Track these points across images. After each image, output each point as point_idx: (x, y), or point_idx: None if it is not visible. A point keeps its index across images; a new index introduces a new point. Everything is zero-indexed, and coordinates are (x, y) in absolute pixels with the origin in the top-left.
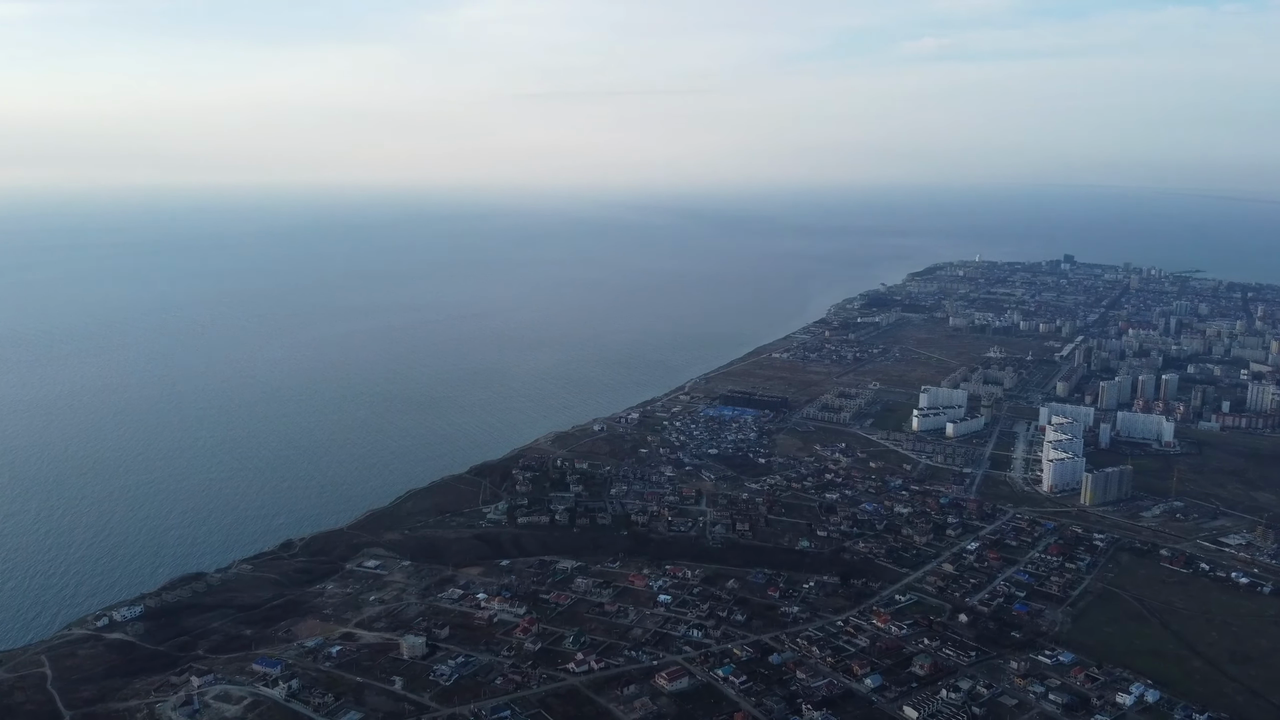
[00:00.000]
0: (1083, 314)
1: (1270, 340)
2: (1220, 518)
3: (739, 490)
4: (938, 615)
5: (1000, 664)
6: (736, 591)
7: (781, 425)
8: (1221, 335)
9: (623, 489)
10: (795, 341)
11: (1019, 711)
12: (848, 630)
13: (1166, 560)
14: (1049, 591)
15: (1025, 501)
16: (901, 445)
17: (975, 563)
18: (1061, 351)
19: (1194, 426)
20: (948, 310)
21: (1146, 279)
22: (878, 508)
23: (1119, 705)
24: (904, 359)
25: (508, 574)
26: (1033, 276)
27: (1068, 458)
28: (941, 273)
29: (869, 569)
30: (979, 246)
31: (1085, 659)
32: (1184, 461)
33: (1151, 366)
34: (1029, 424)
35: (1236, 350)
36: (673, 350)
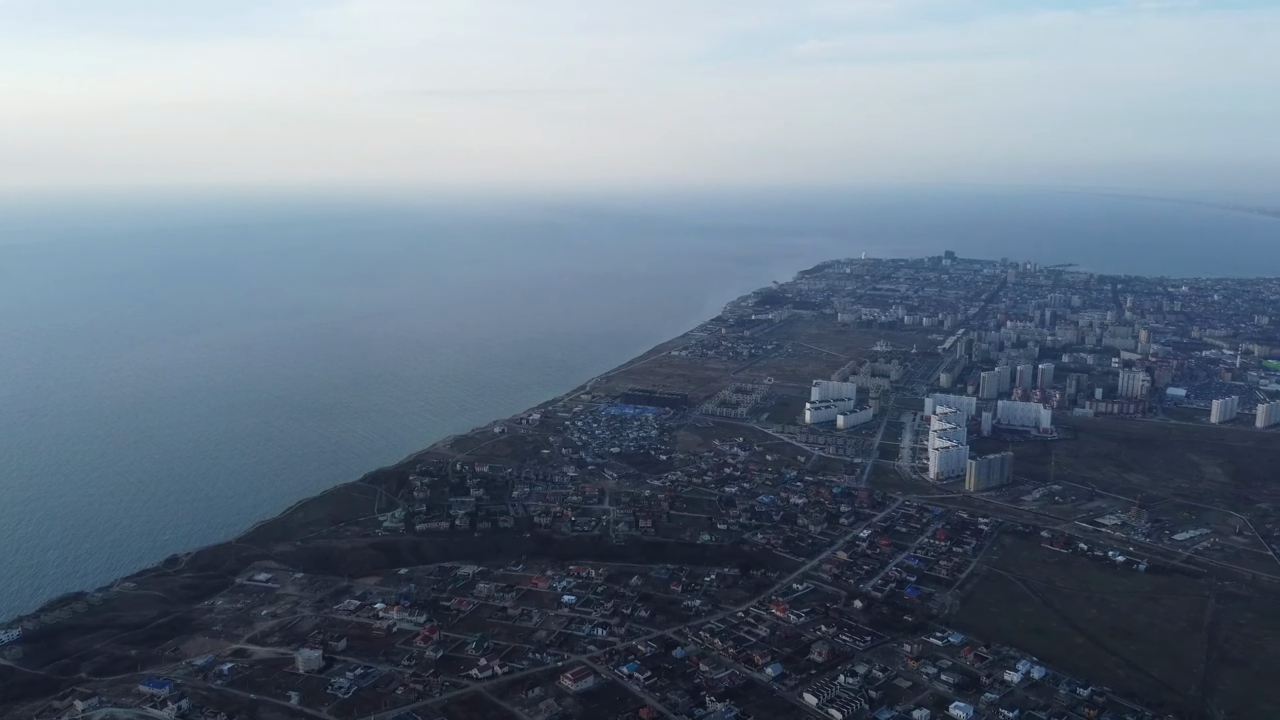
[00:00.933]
0: (963, 308)
1: (1139, 329)
2: (1096, 499)
3: (641, 487)
4: (834, 602)
5: (894, 647)
6: (640, 588)
7: (682, 422)
8: (1093, 326)
9: (525, 491)
10: (693, 339)
11: (913, 693)
12: (748, 621)
13: (1047, 541)
14: (938, 575)
15: (914, 489)
16: (796, 438)
17: (868, 550)
18: (944, 344)
19: (1069, 413)
20: (837, 307)
21: (1023, 273)
22: (775, 499)
23: (1007, 682)
24: (796, 354)
25: (407, 582)
26: (916, 273)
27: (952, 446)
28: (830, 270)
29: (768, 559)
30: (865, 244)
31: (974, 639)
32: (1061, 447)
33: (1029, 357)
34: (915, 414)
35: (1108, 339)
36: (574, 349)
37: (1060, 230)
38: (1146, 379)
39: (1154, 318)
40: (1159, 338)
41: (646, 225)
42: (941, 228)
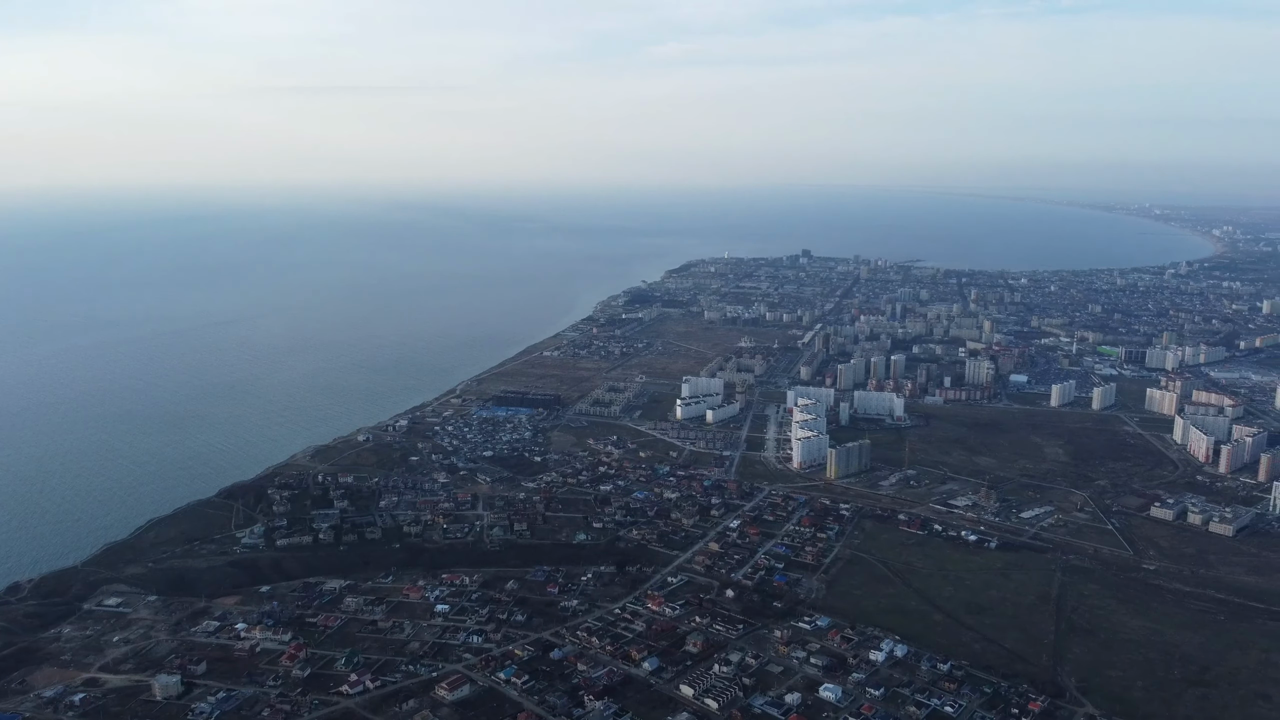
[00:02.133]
0: (821, 304)
1: (983, 320)
2: (948, 482)
3: (516, 490)
4: (707, 593)
5: (765, 634)
6: (516, 592)
7: (555, 422)
8: (941, 317)
9: (393, 500)
10: (565, 339)
11: (785, 677)
12: (625, 617)
13: (904, 524)
14: (804, 561)
15: (779, 479)
16: (668, 434)
17: (738, 540)
18: (803, 339)
19: (921, 401)
20: (703, 305)
21: (875, 270)
22: (649, 495)
23: (872, 662)
24: (666, 352)
25: (269, 600)
26: (776, 270)
27: (813, 436)
28: (695, 269)
29: (643, 555)
30: (727, 244)
31: (840, 621)
32: (914, 433)
33: (882, 349)
34: (778, 407)
35: (954, 330)
36: (442, 352)
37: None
38: (991, 367)
39: (996, 309)
40: (1001, 327)
41: (512, 225)
42: (798, 227)
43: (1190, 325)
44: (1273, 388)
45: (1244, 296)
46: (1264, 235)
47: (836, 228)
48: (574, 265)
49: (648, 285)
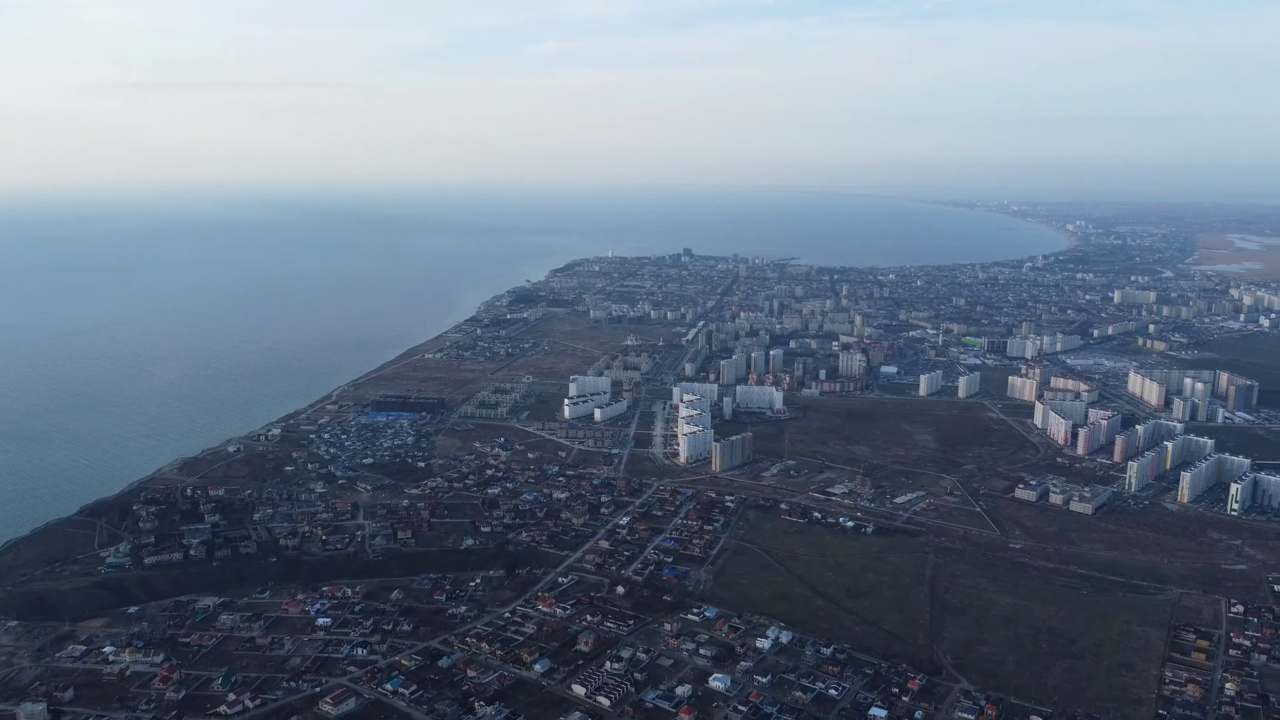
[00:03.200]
0: (703, 301)
1: (854, 315)
2: (826, 471)
3: (399, 498)
4: (598, 591)
5: (656, 628)
6: (402, 602)
7: (440, 426)
8: (815, 313)
9: (268, 512)
10: (448, 340)
11: (675, 670)
12: (516, 620)
13: (786, 513)
14: (692, 554)
15: (667, 474)
16: (556, 434)
17: (628, 536)
18: (687, 336)
19: (799, 394)
20: (589, 303)
21: (753, 267)
22: (538, 496)
23: (759, 650)
24: (553, 351)
25: (138, 621)
26: (659, 269)
27: (698, 430)
28: (580, 268)
29: (533, 557)
30: (611, 243)
31: (728, 611)
32: (793, 425)
33: (761, 344)
34: (665, 403)
35: (828, 325)
36: (317, 357)
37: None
38: (863, 359)
39: (867, 304)
40: (872, 322)
41: (389, 224)
42: (679, 226)
43: (1047, 315)
44: (1125, 373)
45: (1096, 287)
46: (1114, 229)
47: (716, 227)
48: (456, 264)
49: (532, 285)
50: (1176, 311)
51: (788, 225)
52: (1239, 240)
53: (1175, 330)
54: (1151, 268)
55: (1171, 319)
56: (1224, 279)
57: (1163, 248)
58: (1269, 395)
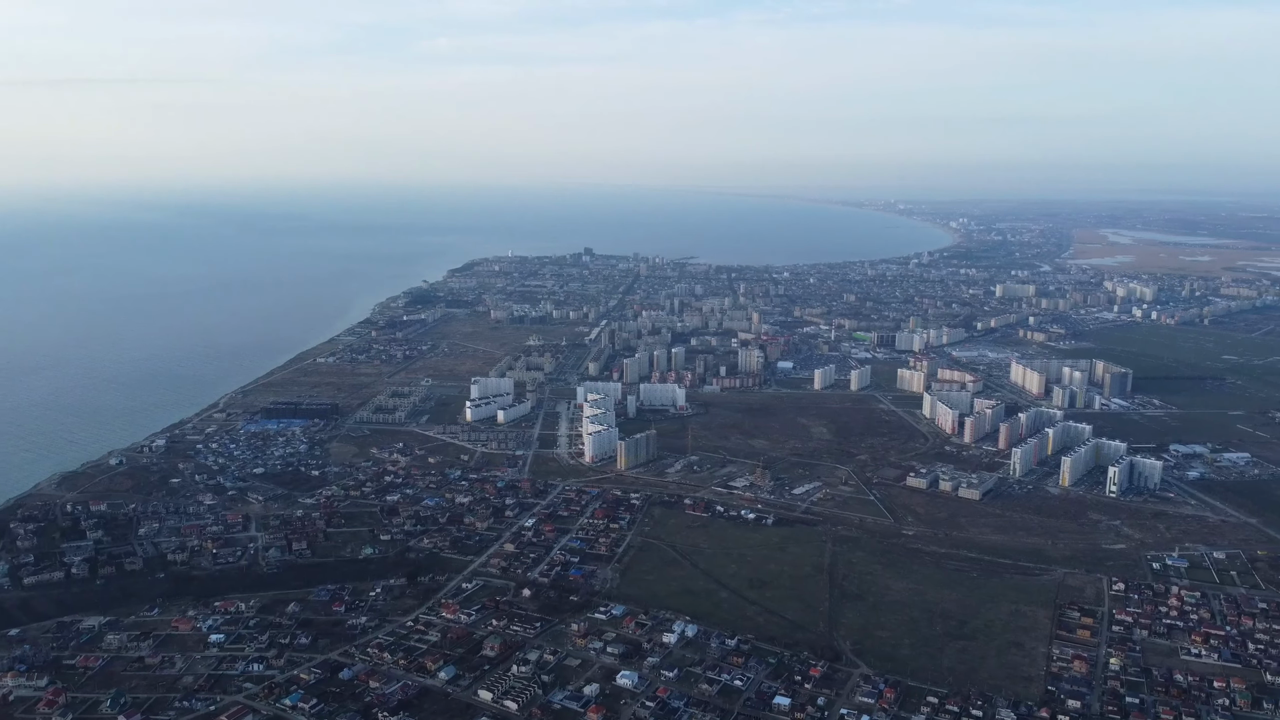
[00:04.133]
0: (604, 300)
1: (752, 312)
2: (728, 465)
3: (293, 508)
4: (503, 595)
5: (563, 629)
6: (298, 614)
7: (334, 433)
8: (715, 311)
9: (154, 527)
10: (341, 344)
11: (583, 670)
12: (419, 628)
13: (690, 508)
14: (599, 553)
15: (572, 474)
16: (458, 437)
17: (534, 538)
18: (590, 335)
19: (700, 390)
20: (489, 304)
21: (653, 266)
22: (440, 501)
23: (666, 644)
24: (452, 353)
25: (19, 644)
26: (560, 269)
27: (603, 429)
28: (479, 268)
29: (435, 563)
30: (511, 242)
31: (634, 608)
32: (695, 421)
33: (663, 342)
34: (569, 403)
35: (727, 323)
36: (202, 364)
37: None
38: (761, 355)
39: (763, 301)
40: (768, 318)
41: (276, 225)
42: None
43: (933, 310)
44: (1007, 364)
45: (979, 282)
46: (995, 226)
47: (616, 226)
48: (348, 265)
49: (429, 285)
50: (1054, 304)
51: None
52: (1112, 235)
53: (1053, 322)
54: (1030, 262)
55: (1050, 311)
56: (1098, 272)
57: (1041, 243)
58: (1142, 382)
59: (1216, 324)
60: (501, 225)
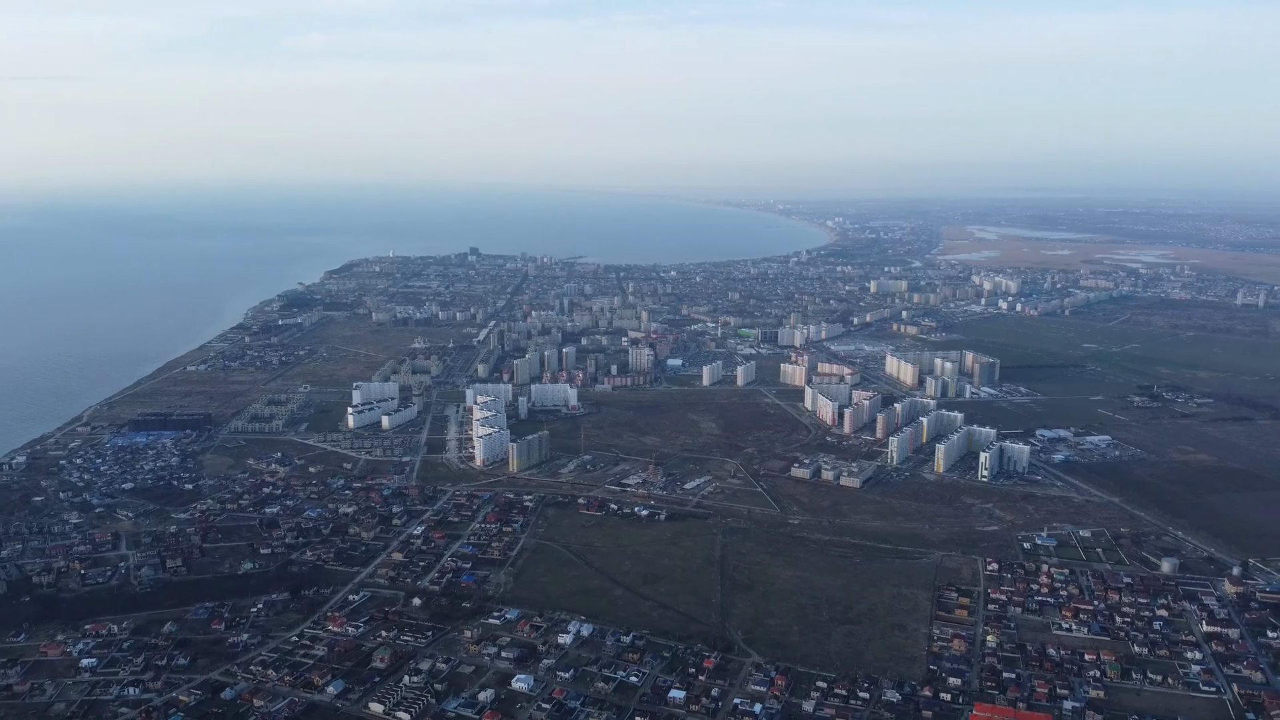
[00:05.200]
0: (492, 301)
1: (640, 311)
2: (621, 463)
3: (165, 524)
4: (392, 605)
5: (456, 636)
6: (176, 635)
7: (208, 444)
8: (604, 310)
9: (16, 549)
10: (213, 350)
11: (477, 676)
12: (304, 643)
13: (584, 507)
14: (492, 557)
15: (463, 478)
16: (340, 445)
17: (423, 546)
18: (478, 336)
19: (592, 389)
20: (370, 306)
21: (541, 266)
22: (322, 512)
23: (561, 646)
24: (332, 358)
25: None
26: (445, 269)
27: (494, 432)
28: (359, 269)
29: (320, 576)
30: (392, 242)
31: (529, 611)
32: (588, 420)
33: (554, 342)
34: (458, 406)
35: (617, 321)
36: (63, 375)
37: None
38: (650, 353)
39: (652, 300)
40: (657, 317)
41: (139, 227)
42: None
43: (813, 306)
44: (882, 357)
45: (855, 279)
46: (869, 224)
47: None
48: (219, 268)
49: (306, 288)
50: (926, 298)
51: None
52: (978, 231)
53: (925, 316)
54: (903, 259)
55: (921, 305)
56: (966, 267)
57: (912, 240)
58: (1009, 371)
59: (1077, 314)
60: (382, 225)
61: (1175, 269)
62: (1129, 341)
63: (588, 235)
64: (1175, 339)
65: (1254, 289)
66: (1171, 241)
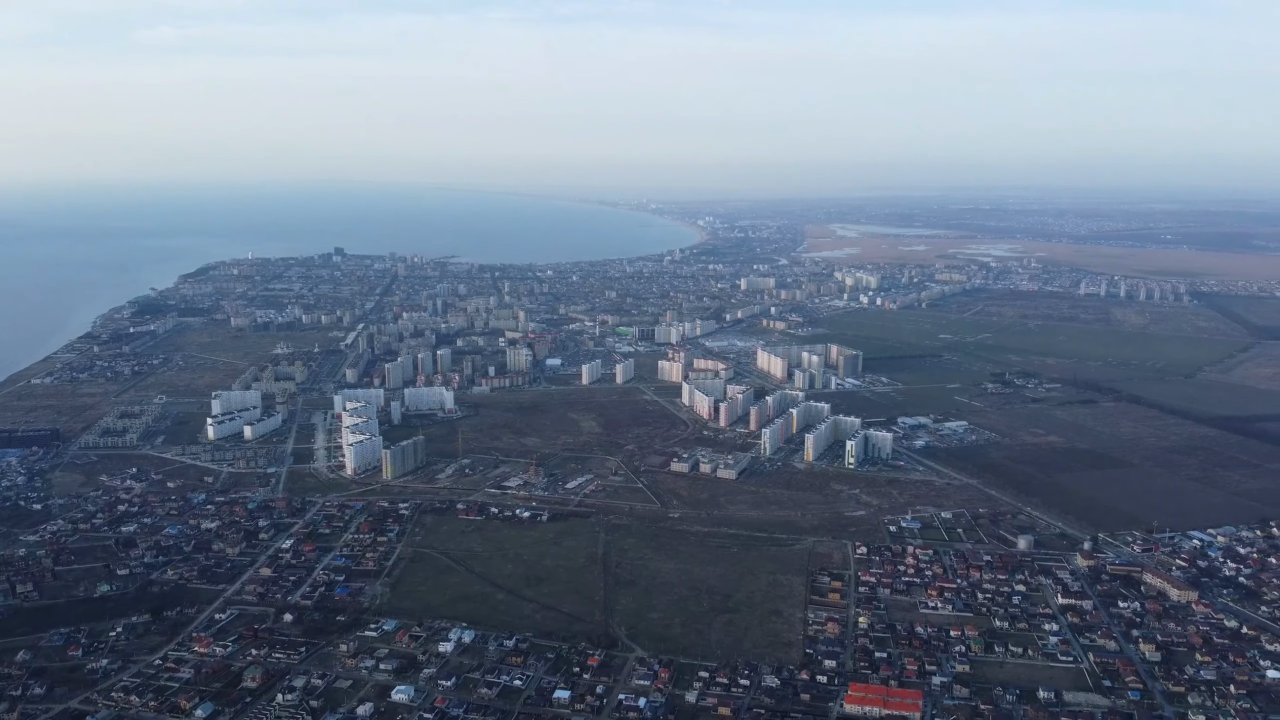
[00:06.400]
0: (360, 303)
1: (517, 311)
2: (500, 466)
3: (13, 547)
4: (262, 622)
5: (331, 651)
6: (30, 663)
7: (57, 461)
8: (480, 310)
9: None
10: (59, 362)
11: (355, 690)
12: (169, 666)
13: (463, 512)
14: (366, 568)
15: (333, 488)
16: (200, 458)
17: (293, 559)
18: (346, 340)
19: (469, 392)
20: (229, 310)
21: (412, 266)
22: (184, 529)
23: (442, 654)
24: (189, 366)
25: None
26: (308, 270)
27: (366, 438)
28: (216, 272)
29: (183, 596)
30: (251, 243)
31: (408, 621)
32: (465, 423)
33: (427, 344)
34: (326, 413)
35: (493, 322)
36: None
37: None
38: (528, 353)
39: (528, 299)
40: (534, 316)
41: None
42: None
43: (687, 304)
44: (753, 351)
45: (726, 276)
46: (737, 224)
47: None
48: (64, 275)
49: (159, 293)
50: (792, 295)
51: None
52: (840, 229)
53: (792, 311)
54: (770, 257)
55: (789, 302)
56: (829, 264)
57: (778, 239)
58: (871, 363)
59: (933, 307)
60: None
61: (1023, 262)
62: (982, 331)
63: (460, 234)
64: (1024, 328)
65: (1095, 279)
66: (1019, 236)
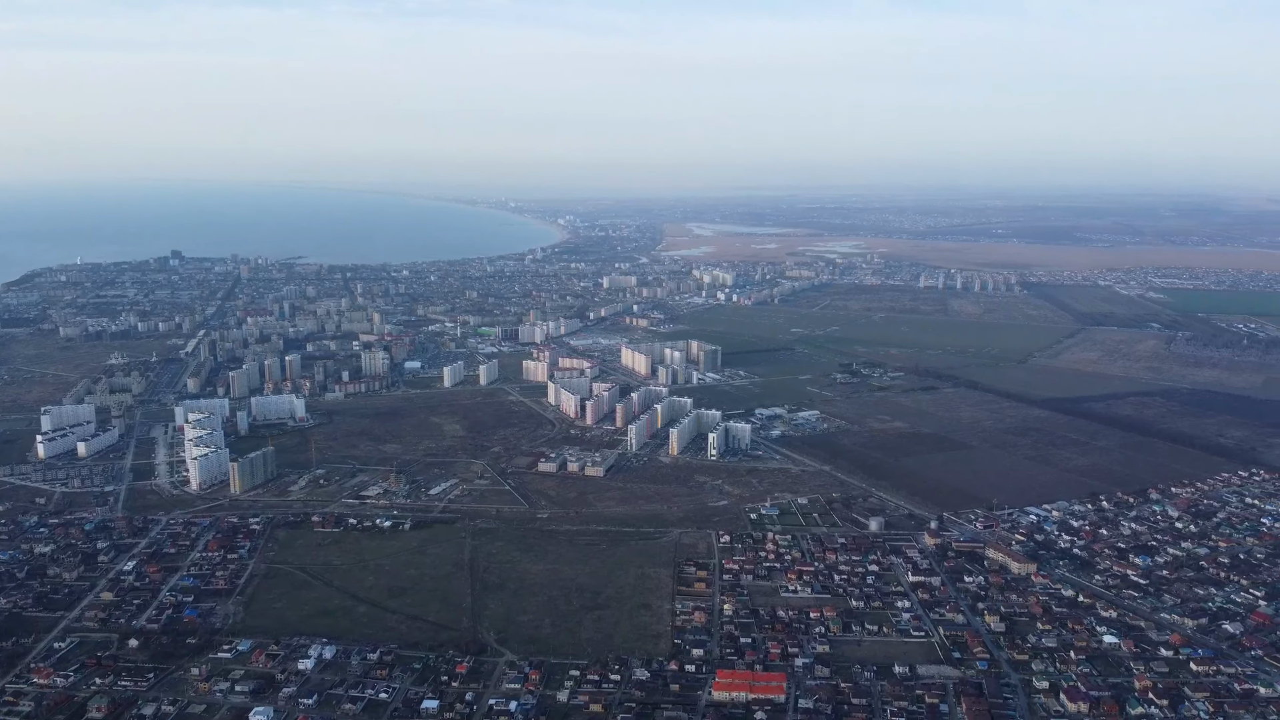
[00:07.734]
0: (200, 308)
1: (372, 313)
2: (358, 474)
3: None
4: (105, 649)
5: (182, 675)
6: None
7: None
8: (331, 313)
9: None
10: None
11: (209, 715)
12: (7, 699)
13: (319, 525)
14: (217, 588)
15: (178, 505)
16: (30, 478)
17: (136, 582)
18: (186, 348)
19: (322, 398)
20: (57, 320)
21: (256, 268)
22: (15, 554)
23: (302, 672)
24: (15, 380)
25: None
26: (143, 275)
27: (211, 451)
28: (42, 279)
29: (18, 625)
30: (79, 248)
31: (264, 640)
32: (319, 432)
33: (275, 350)
34: (167, 426)
35: (346, 325)
36: None
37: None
38: (386, 357)
39: (384, 301)
40: (390, 318)
41: None
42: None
43: (550, 303)
44: (618, 349)
45: (588, 275)
46: (598, 223)
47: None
48: None
49: None
50: (653, 292)
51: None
52: (696, 228)
53: (654, 308)
54: (631, 255)
55: (650, 299)
56: (687, 262)
57: (638, 238)
58: (729, 357)
59: (785, 302)
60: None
61: (867, 258)
62: (830, 325)
63: (308, 234)
64: (869, 320)
65: (934, 273)
66: (863, 233)
